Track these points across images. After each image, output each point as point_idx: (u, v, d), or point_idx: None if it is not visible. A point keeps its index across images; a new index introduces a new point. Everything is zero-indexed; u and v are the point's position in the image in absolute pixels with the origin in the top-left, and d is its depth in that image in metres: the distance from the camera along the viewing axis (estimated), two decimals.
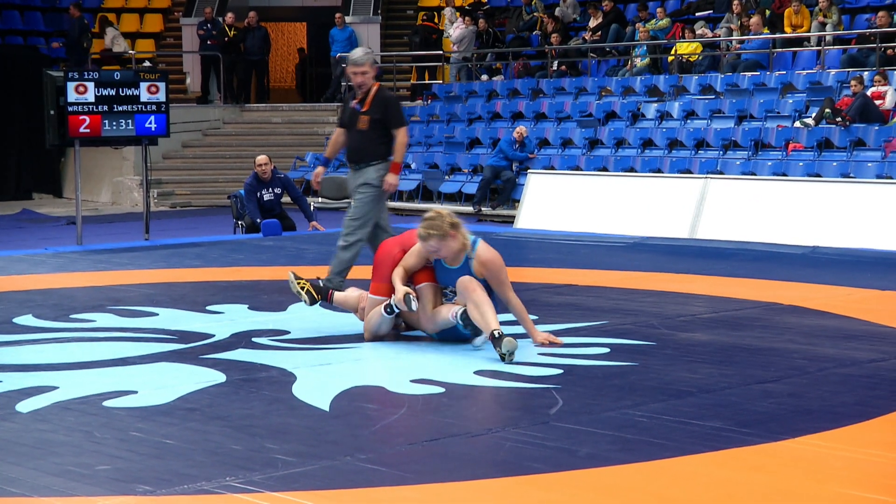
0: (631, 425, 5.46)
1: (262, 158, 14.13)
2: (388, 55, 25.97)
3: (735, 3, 20.94)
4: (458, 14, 25.04)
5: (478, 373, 6.58)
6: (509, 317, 7.43)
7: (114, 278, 10.66)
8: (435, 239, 7.18)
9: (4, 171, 24.32)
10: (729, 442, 5.17)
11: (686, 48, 21.27)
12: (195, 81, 26.16)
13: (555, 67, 22.87)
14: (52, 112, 13.71)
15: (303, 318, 8.41)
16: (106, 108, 13.65)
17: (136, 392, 6.16)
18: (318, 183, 9.47)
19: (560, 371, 6.62)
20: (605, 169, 18.41)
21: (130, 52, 25.92)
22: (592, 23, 23.17)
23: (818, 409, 5.78)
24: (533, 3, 24.71)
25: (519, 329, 7.36)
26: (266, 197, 14.11)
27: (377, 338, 7.55)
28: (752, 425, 5.43)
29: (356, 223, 8.91)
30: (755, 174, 16.62)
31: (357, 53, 8.92)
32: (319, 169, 9.38)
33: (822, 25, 19.60)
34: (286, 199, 14.39)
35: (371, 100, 8.85)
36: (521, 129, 19.70)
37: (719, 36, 20.98)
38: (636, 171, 17.89)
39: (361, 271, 8.97)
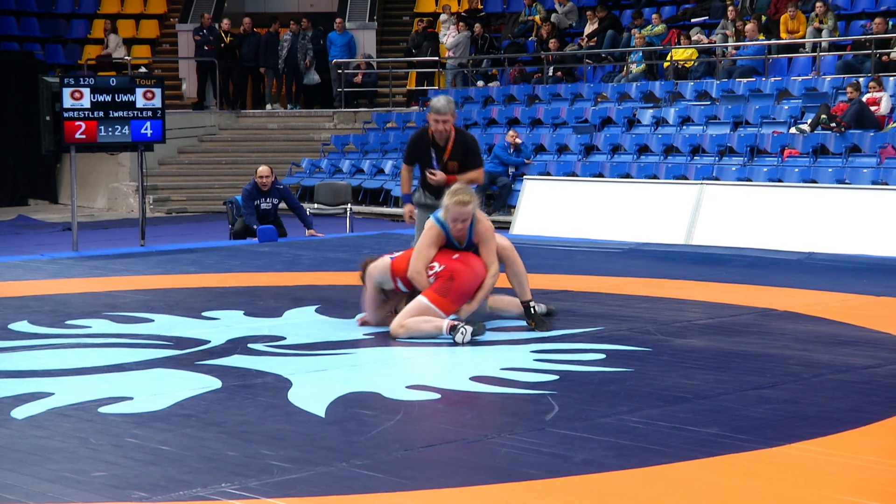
0: (627, 431, 5.46)
1: (263, 170, 14.13)
2: (384, 61, 26.00)
3: (730, 9, 20.97)
4: (457, 24, 25.04)
5: (473, 379, 6.58)
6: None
7: (109, 284, 10.65)
8: (472, 204, 7.78)
9: (0, 177, 24.32)
10: (725, 448, 5.17)
11: (682, 54, 21.28)
12: (191, 87, 26.15)
13: (550, 73, 22.89)
14: (47, 118, 13.70)
15: (298, 324, 8.41)
16: (102, 114, 13.64)
17: (131, 398, 6.15)
18: (410, 219, 9.24)
19: (556, 377, 6.62)
20: (600, 175, 18.41)
21: (126, 57, 25.93)
22: (588, 29, 23.19)
23: (814, 415, 5.79)
24: (534, 4, 24.70)
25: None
26: (263, 206, 14.16)
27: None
28: (748, 431, 5.43)
29: None
30: (751, 180, 16.62)
31: (440, 102, 8.81)
32: (408, 207, 9.22)
33: (818, 31, 19.62)
34: (282, 205, 14.42)
35: (451, 146, 8.90)
36: (512, 132, 19.70)
37: (715, 42, 21.00)
38: (632, 177, 17.89)
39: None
